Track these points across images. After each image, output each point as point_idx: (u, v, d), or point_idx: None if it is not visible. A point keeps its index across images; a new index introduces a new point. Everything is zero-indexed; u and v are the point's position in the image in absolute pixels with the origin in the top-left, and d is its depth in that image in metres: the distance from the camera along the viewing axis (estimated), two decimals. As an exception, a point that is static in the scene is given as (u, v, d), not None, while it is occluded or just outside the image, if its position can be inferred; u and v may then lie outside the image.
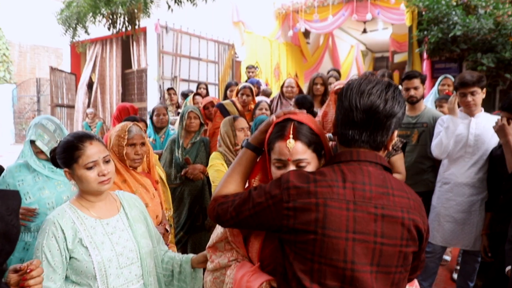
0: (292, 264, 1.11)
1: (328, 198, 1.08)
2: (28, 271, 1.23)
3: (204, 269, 1.55)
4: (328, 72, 5.45)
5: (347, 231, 1.06)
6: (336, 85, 3.70)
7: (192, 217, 3.36)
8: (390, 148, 1.22)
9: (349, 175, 1.11)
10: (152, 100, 8.53)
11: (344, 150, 1.19)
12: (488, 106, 4.72)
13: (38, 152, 2.16)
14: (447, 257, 4.01)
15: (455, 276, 3.61)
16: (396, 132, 1.20)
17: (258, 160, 1.38)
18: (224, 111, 3.75)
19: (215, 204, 1.30)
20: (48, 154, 2.09)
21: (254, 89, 5.44)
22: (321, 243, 1.07)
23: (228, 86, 5.33)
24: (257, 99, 4.93)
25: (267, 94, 6.09)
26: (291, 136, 1.22)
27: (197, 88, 6.31)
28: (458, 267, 3.50)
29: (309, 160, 1.23)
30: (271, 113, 4.10)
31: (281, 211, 1.12)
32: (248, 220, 1.20)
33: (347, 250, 1.06)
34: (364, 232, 1.07)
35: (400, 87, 3.90)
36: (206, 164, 3.37)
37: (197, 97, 4.87)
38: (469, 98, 2.81)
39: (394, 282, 1.11)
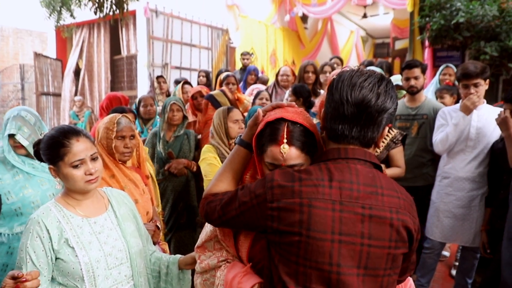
0: (277, 266, 1.12)
1: (313, 198, 1.08)
2: (23, 280, 1.23)
3: (193, 271, 1.56)
4: (331, 60, 5.40)
5: (332, 232, 1.06)
6: (334, 75, 3.68)
7: (176, 215, 3.31)
8: (380, 144, 1.22)
9: (336, 173, 1.11)
10: (143, 88, 8.46)
11: (332, 148, 1.18)
12: (491, 96, 4.74)
13: (16, 146, 2.08)
14: (446, 253, 4.06)
15: (453, 272, 3.66)
16: (387, 129, 1.19)
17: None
18: (215, 103, 3.73)
19: (204, 202, 1.32)
20: (29, 149, 2.03)
21: (252, 77, 5.42)
22: (305, 245, 1.07)
23: (218, 74, 5.27)
24: (254, 87, 4.92)
25: (264, 81, 6.05)
26: (285, 141, 1.21)
27: (198, 76, 6.24)
28: (457, 263, 3.55)
29: (302, 163, 1.24)
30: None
31: (265, 211, 1.12)
32: (235, 220, 1.20)
33: (332, 253, 1.06)
34: (350, 233, 1.07)
35: (397, 77, 3.89)
36: (191, 159, 3.34)
37: (187, 86, 4.82)
38: (472, 90, 2.81)
39: (383, 285, 1.12)
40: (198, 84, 6.12)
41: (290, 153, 1.21)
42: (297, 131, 1.23)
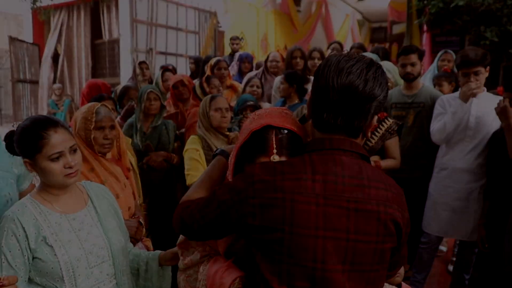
0: (259, 265, 1.11)
1: (296, 192, 1.07)
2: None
3: (174, 268, 1.56)
4: (330, 45, 5.36)
5: (316, 228, 1.06)
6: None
7: (153, 211, 3.22)
8: (376, 134, 1.22)
9: (320, 166, 1.10)
10: (126, 75, 8.37)
11: (316, 138, 1.18)
12: (491, 84, 4.77)
13: None
14: (443, 248, 4.11)
15: (450, 268, 3.69)
16: (375, 118, 1.17)
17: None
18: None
19: (180, 209, 1.29)
20: None
21: (245, 65, 5.37)
22: (289, 242, 1.07)
23: (206, 61, 5.21)
24: (251, 74, 4.87)
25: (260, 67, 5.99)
26: (275, 151, 1.22)
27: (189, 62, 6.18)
28: (454, 259, 3.59)
29: None
30: (263, 91, 4.06)
31: (246, 208, 1.11)
32: (213, 223, 1.18)
33: (316, 249, 1.06)
34: (335, 228, 1.07)
35: (385, 63, 3.89)
36: (170, 150, 3.32)
37: (168, 73, 4.77)
38: (472, 78, 2.81)
39: (370, 280, 1.12)
40: (191, 71, 6.07)
41: None
42: (285, 138, 1.24)
